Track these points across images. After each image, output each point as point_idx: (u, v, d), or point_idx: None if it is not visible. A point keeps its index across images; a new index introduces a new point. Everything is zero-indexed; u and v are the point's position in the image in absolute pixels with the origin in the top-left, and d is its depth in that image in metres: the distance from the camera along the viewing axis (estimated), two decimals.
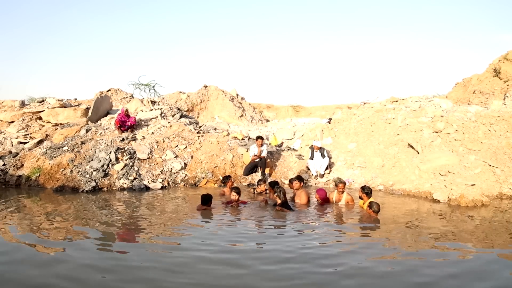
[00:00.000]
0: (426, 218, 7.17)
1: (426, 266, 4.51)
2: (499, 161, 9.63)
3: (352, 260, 4.67)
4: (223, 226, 6.37)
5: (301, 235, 5.84)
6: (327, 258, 4.71)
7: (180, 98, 26.89)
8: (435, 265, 4.58)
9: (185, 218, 7.02)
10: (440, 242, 5.52)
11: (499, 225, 6.63)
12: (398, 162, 10.48)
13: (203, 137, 12.12)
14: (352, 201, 7.84)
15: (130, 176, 10.17)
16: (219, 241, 5.36)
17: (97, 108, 13.51)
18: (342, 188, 7.93)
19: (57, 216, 6.87)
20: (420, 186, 9.39)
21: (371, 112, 12.82)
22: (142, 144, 11.40)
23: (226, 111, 26.87)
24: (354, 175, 10.64)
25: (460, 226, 6.55)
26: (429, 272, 4.33)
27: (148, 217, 7.01)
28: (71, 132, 12.20)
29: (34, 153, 11.02)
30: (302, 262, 4.57)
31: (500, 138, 10.29)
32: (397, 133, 11.44)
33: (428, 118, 11.48)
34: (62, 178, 9.95)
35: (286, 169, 11.46)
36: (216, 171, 10.94)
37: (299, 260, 4.62)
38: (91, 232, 5.81)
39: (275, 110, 37.09)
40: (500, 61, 22.55)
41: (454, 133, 10.61)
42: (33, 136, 12.19)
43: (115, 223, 6.57)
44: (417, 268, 4.45)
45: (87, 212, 7.37)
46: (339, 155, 11.60)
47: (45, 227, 6.17)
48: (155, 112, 13.69)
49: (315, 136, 12.72)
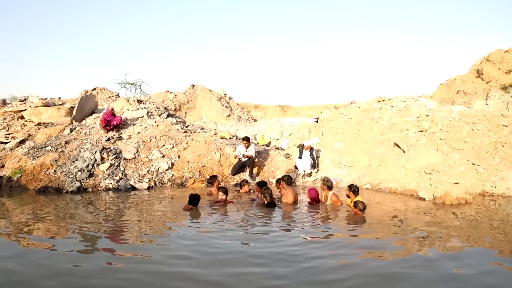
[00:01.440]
0: (412, 216, 7.22)
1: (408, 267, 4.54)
2: (482, 160, 9.80)
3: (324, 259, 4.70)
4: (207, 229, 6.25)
5: (283, 236, 5.78)
6: (311, 260, 4.69)
7: (167, 97, 26.72)
8: (416, 266, 4.60)
9: (170, 221, 6.72)
10: (426, 240, 5.58)
11: (481, 222, 6.74)
12: (385, 161, 10.58)
13: (190, 137, 12.03)
14: (338, 200, 7.84)
15: (116, 176, 10.03)
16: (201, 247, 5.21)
17: (82, 107, 13.29)
18: (325, 188, 7.96)
19: (39, 218, 6.74)
20: (406, 185, 9.49)
21: (358, 112, 12.92)
22: (128, 143, 11.27)
23: (214, 110, 26.80)
24: (341, 174, 10.69)
25: (445, 223, 6.62)
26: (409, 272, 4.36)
27: (131, 220, 6.87)
28: (54, 131, 11.97)
29: (15, 153, 10.79)
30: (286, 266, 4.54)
31: (483, 137, 10.47)
32: (384, 132, 11.54)
33: (413, 118, 11.62)
34: (46, 179, 9.74)
35: (274, 168, 11.46)
36: (204, 170, 10.87)
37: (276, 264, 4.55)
38: (72, 234, 5.71)
39: (263, 110, 37.17)
40: (483, 62, 23.01)
41: (439, 132, 10.76)
42: (14, 136, 11.92)
43: (99, 226, 6.40)
44: (401, 271, 4.46)
45: (71, 213, 7.24)
46: (326, 154, 11.64)
47: (26, 229, 6.03)
48: (142, 112, 13.54)
49: (303, 136, 12.75)
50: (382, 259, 4.75)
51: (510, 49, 22.66)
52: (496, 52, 23.12)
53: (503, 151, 9.98)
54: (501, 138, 10.32)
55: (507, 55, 22.46)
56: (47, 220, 6.57)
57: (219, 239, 5.48)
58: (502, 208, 7.89)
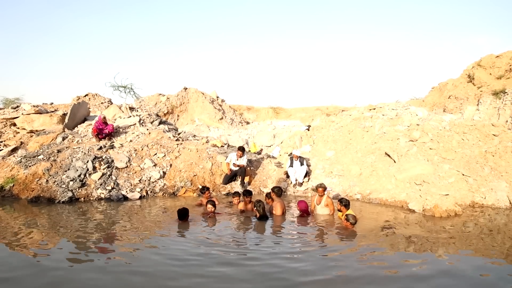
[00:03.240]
0: (402, 228, 7.30)
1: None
2: (472, 170, 9.91)
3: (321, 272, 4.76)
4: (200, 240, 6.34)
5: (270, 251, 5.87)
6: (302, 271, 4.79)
7: (159, 100, 26.69)
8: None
9: (161, 236, 6.73)
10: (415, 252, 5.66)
11: (469, 235, 6.84)
12: (375, 170, 10.67)
13: (182, 145, 12.04)
14: (332, 204, 8.04)
15: (108, 185, 10.04)
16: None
17: (74, 115, 13.26)
18: (322, 192, 8.18)
19: (31, 228, 6.79)
20: (396, 196, 9.58)
21: (349, 120, 13.00)
22: (120, 152, 11.26)
23: (206, 113, 26.80)
24: (332, 183, 10.76)
25: (433, 236, 6.70)
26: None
27: (123, 231, 6.93)
28: (47, 139, 11.94)
29: (8, 161, 10.75)
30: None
31: (473, 147, 10.58)
32: (375, 141, 11.64)
33: (404, 127, 11.72)
34: (38, 188, 9.72)
35: (265, 177, 11.50)
36: (195, 179, 10.90)
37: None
38: (64, 245, 5.81)
39: (255, 112, 37.18)
40: (474, 67, 23.18)
41: (429, 142, 10.86)
42: (6, 144, 11.89)
43: (89, 237, 6.46)
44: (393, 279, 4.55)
45: (62, 224, 7.29)
46: (317, 163, 11.71)
47: (16, 239, 6.05)
48: (134, 119, 13.53)
49: (294, 144, 12.82)
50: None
51: (502, 54, 22.84)
52: (488, 57, 23.29)
53: (493, 161, 10.09)
54: (491, 148, 10.44)
55: (499, 60, 22.63)
56: (38, 229, 6.61)
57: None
58: (492, 219, 8.02)
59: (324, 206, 8.10)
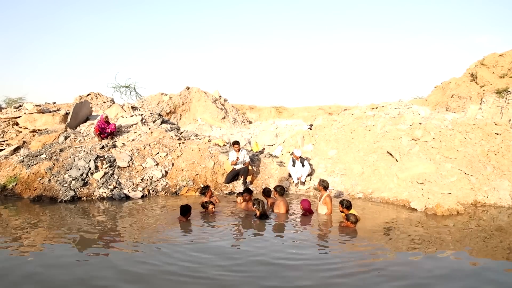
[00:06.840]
0: (404, 227, 7.29)
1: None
2: (474, 169, 9.87)
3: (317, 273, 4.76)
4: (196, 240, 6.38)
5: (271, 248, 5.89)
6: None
7: (162, 100, 26.69)
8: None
9: (162, 235, 6.82)
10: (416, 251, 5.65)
11: (470, 233, 6.82)
12: (377, 169, 10.64)
13: (184, 144, 12.05)
14: (330, 203, 8.03)
15: (110, 185, 10.06)
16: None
17: (76, 114, 13.29)
18: (320, 188, 8.30)
19: (33, 227, 6.81)
20: (398, 195, 9.56)
21: (351, 119, 12.97)
22: (122, 151, 11.28)
23: (209, 113, 26.77)
24: (334, 183, 10.74)
25: (435, 235, 6.69)
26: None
27: (124, 231, 6.96)
28: (49, 139, 11.97)
29: (10, 161, 10.79)
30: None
31: (475, 146, 10.55)
32: (377, 140, 11.61)
33: (406, 126, 11.68)
34: (40, 188, 9.76)
35: (267, 176, 11.50)
36: (197, 179, 10.90)
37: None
38: (64, 245, 5.83)
39: (258, 111, 37.15)
40: (477, 66, 23.12)
41: (431, 141, 10.83)
42: (9, 143, 11.93)
43: (92, 236, 6.49)
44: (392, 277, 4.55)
45: (65, 223, 7.31)
46: (319, 162, 11.70)
47: (18, 238, 6.08)
48: (136, 118, 13.56)
49: (296, 143, 12.80)
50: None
51: (505, 53, 22.79)
52: (491, 56, 23.25)
53: (495, 160, 10.06)
54: (494, 146, 10.40)
55: (502, 59, 22.59)
56: (42, 229, 6.64)
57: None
58: (495, 218, 7.99)
59: (322, 204, 8.09)
